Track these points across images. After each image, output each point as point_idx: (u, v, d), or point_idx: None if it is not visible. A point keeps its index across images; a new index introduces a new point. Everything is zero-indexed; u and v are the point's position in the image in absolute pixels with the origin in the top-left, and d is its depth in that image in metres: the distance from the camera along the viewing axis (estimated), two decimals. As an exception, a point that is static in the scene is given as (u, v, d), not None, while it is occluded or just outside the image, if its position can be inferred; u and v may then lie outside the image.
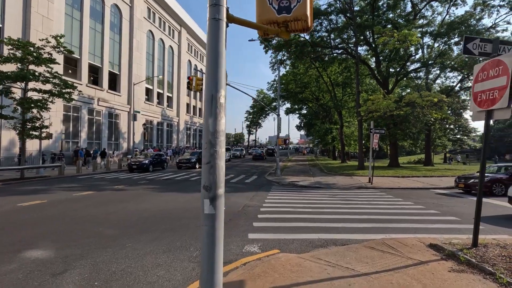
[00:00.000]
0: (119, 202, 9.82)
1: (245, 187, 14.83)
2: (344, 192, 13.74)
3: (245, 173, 22.66)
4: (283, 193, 12.86)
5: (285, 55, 36.42)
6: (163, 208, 8.77)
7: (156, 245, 5.26)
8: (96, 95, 30.73)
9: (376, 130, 16.19)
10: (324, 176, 20.82)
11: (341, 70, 34.30)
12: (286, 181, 17.84)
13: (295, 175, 21.31)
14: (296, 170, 25.17)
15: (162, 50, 44.70)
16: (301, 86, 42.81)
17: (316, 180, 18.12)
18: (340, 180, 18.18)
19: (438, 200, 11.38)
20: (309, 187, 15.62)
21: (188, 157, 25.51)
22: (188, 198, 10.90)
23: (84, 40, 28.84)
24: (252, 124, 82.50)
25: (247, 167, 28.67)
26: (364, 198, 11.74)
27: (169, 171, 23.39)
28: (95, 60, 30.80)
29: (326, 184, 16.64)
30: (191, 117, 55.32)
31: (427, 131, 29.23)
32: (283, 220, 7.46)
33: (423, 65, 25.65)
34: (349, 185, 16.09)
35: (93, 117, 30.62)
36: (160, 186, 14.66)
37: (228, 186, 15.23)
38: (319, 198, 11.61)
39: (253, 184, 16.36)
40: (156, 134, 42.77)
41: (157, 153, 24.76)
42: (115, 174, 21.16)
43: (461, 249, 4.38)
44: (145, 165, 22.32)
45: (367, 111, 21.82)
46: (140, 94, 37.87)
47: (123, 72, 34.98)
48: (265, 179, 19.27)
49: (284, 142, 20.35)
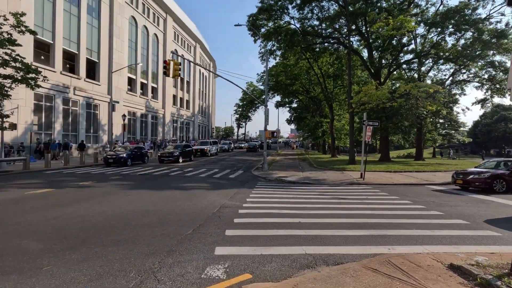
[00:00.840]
0: (73, 203, 8.35)
1: (227, 184, 13.53)
2: (334, 189, 12.62)
3: (231, 168, 21.36)
4: (268, 190, 11.63)
5: (274, 45, 35.08)
6: (122, 211, 7.36)
7: (85, 268, 3.86)
8: (72, 83, 28.62)
9: (370, 122, 15.09)
10: (314, 171, 19.72)
11: (332, 61, 33.14)
12: (273, 176, 16.62)
13: (283, 170, 20.13)
14: (285, 165, 24.02)
15: (146, 38, 42.47)
16: (291, 77, 41.49)
17: (305, 176, 16.98)
18: (330, 176, 17.09)
19: (437, 198, 10.36)
20: (297, 183, 14.44)
21: (171, 150, 23.97)
22: (158, 197, 9.53)
23: (57, 24, 26.61)
24: (241, 117, 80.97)
25: (233, 161, 27.36)
26: (357, 196, 10.62)
27: (149, 166, 21.85)
28: (70, 46, 28.60)
29: (315, 179, 15.51)
30: (178, 109, 53.35)
31: (419, 124, 28.51)
32: (264, 226, 6.20)
33: (417, 56, 24.69)
34: (340, 181, 15.00)
35: (69, 107, 28.55)
36: (133, 182, 13.20)
37: (209, 182, 13.92)
38: (307, 196, 10.42)
39: (237, 180, 15.08)
40: (140, 126, 40.83)
41: (136, 146, 23.13)
42: (89, 168, 19.49)
43: (499, 275, 3.22)
44: (122, 159, 20.71)
45: (359, 103, 20.74)
46: (122, 84, 35.81)
47: (103, 60, 32.82)
48: (251, 174, 18.02)
49: (272, 135, 19.09)
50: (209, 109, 77.02)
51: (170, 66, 13.25)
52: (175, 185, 12.50)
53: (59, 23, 26.79)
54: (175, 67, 13.32)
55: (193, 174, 17.15)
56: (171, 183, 12.97)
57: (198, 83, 64.10)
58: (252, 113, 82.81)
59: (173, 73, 13.33)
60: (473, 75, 29.58)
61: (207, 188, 11.87)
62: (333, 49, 28.78)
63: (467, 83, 31.11)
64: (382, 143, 26.69)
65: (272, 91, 47.40)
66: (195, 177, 15.61)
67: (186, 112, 57.89)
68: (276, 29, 26.78)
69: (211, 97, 79.41)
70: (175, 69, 13.36)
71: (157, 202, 8.62)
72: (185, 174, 16.85)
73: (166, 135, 47.74)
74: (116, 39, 34.55)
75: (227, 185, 13.10)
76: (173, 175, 16.52)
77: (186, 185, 12.52)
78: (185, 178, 15.27)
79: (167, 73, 13.36)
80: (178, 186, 12.20)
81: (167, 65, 13.35)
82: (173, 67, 13.26)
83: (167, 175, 16.44)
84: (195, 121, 62.29)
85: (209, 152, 32.67)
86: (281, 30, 26.62)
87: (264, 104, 19.31)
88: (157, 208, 7.73)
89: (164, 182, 13.29)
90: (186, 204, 8.34)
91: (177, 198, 9.30)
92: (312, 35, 26.67)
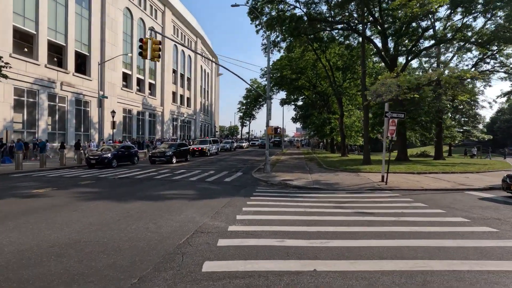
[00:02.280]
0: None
1: (219, 190, 10.99)
2: (354, 197, 9.96)
3: (229, 169, 18.83)
4: (269, 200, 9.05)
5: (278, 37, 32.48)
6: (36, 242, 4.69)
7: None
8: (59, 78, 26.41)
9: (393, 113, 12.37)
10: (324, 173, 17.05)
11: (341, 53, 30.31)
12: (276, 179, 14.03)
13: (288, 171, 17.51)
14: (290, 165, 21.38)
15: (143, 32, 40.14)
16: (297, 71, 38.75)
17: (314, 179, 14.33)
18: (344, 179, 14.40)
19: (497, 212, 7.64)
20: (305, 189, 11.82)
21: (162, 150, 21.52)
22: (114, 213, 6.99)
23: (41, 13, 24.38)
24: (245, 116, 78.41)
25: (234, 161, 24.83)
26: (387, 209, 7.98)
27: (138, 167, 19.46)
28: (57, 37, 26.39)
29: (327, 184, 12.86)
30: (178, 107, 51.05)
31: (440, 119, 25.58)
32: (255, 278, 3.63)
33: (439, 41, 21.75)
34: (358, 186, 12.32)
35: (56, 103, 26.35)
36: (101, 189, 10.73)
37: (197, 188, 11.40)
38: (320, 210, 7.82)
39: (233, 185, 12.53)
40: (136, 124, 38.58)
41: (124, 145, 20.75)
42: (66, 171, 17.15)
43: None
44: (106, 160, 18.33)
45: (376, 94, 17.97)
46: (116, 79, 33.55)
47: (94, 53, 30.59)
48: (251, 177, 15.46)
49: (275, 131, 16.48)
50: (212, 107, 74.67)
51: (147, 46, 10.74)
52: (151, 193, 10.00)
53: (43, 12, 24.55)
54: (154, 46, 10.80)
55: (183, 177, 14.65)
56: (148, 191, 10.47)
57: (200, 80, 61.75)
58: (256, 111, 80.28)
59: (151, 54, 10.81)
60: (500, 65, 26.49)
61: (190, 198, 9.34)
62: (343, 37, 25.96)
63: (492, 74, 28.01)
64: (399, 140, 23.84)
65: (277, 86, 44.73)
66: (183, 182, 13.11)
67: (187, 110, 55.58)
68: (279, 15, 24.12)
69: (214, 95, 77.02)
70: (154, 50, 10.83)
71: (106, 223, 6.09)
72: (172, 178, 14.36)
73: (165, 134, 45.48)
74: (109, 32, 32.30)
75: (218, 192, 10.55)
76: (158, 178, 14.04)
77: (166, 194, 10.00)
78: (170, 183, 12.77)
79: (144, 54, 10.83)
80: (154, 195, 9.68)
81: (144, 44, 10.82)
82: (152, 47, 10.75)
83: (151, 178, 13.96)
84: (197, 120, 59.97)
85: (208, 152, 30.21)
86: (285, 16, 23.95)
87: (267, 96, 16.71)
88: (96, 236, 5.16)
89: (140, 189, 10.79)
90: (146, 226, 5.80)
91: (140, 215, 6.78)
92: (320, 21, 23.93)
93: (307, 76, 39.53)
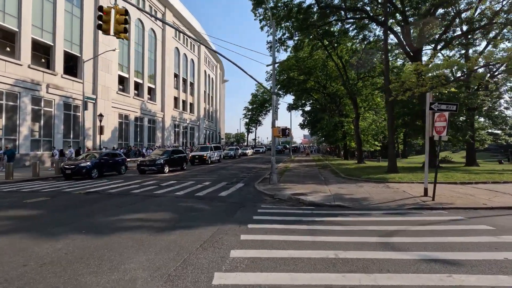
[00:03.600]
0: None
1: (207, 211, 8.00)
2: (398, 221, 6.80)
3: (229, 179, 15.85)
4: (275, 232, 5.98)
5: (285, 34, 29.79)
6: None
7: None
8: (45, 80, 24.12)
9: (442, 104, 9.26)
10: (344, 183, 13.88)
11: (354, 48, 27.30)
12: (285, 193, 10.96)
13: (300, 181, 14.40)
14: (301, 174, 18.26)
15: (141, 33, 38.06)
16: (305, 72, 35.86)
17: (334, 192, 11.19)
18: (372, 192, 11.22)
19: None
20: (325, 208, 8.71)
21: (153, 158, 18.68)
22: (12, 263, 4.07)
23: (24, 9, 22.22)
24: (251, 122, 75.61)
25: (236, 170, 21.84)
26: (470, 248, 4.82)
27: (123, 178, 16.69)
28: (43, 36, 24.19)
29: (352, 199, 9.71)
30: (180, 112, 48.59)
31: (472, 119, 22.16)
32: None
33: (475, 28, 18.52)
34: (395, 203, 9.14)
35: (41, 107, 23.98)
36: (45, 211, 7.86)
37: (179, 208, 8.44)
38: (359, 252, 4.72)
39: (228, 202, 9.52)
40: (133, 131, 36.08)
41: (108, 153, 18.01)
42: (35, 183, 14.43)
43: None
44: (84, 169, 15.59)
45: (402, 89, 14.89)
46: (110, 82, 31.21)
47: (86, 55, 28.33)
48: (254, 189, 12.44)
49: (283, 133, 13.47)
50: (217, 113, 72.20)
51: (110, 17, 7.92)
52: (105, 218, 7.06)
53: (26, 8, 22.39)
54: (118, 18, 8.00)
55: (168, 191, 11.72)
56: (104, 214, 7.54)
57: (204, 85, 59.42)
58: (262, 117, 77.50)
59: (115, 27, 8.01)
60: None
61: (156, 228, 6.34)
62: (358, 28, 22.96)
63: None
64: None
65: (283, 89, 41.93)
66: (164, 198, 10.16)
67: (190, 116, 53.10)
68: (286, 4, 21.40)
69: (219, 101, 74.65)
70: (118, 22, 8.03)
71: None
72: (154, 192, 11.44)
73: (166, 141, 42.90)
74: (103, 31, 30.07)
75: (205, 215, 7.56)
76: (135, 193, 11.14)
77: (126, 219, 7.05)
78: (146, 199, 9.84)
79: (105, 28, 8.01)
80: (107, 222, 6.75)
81: (105, 15, 7.98)
82: (116, 18, 7.95)
83: (126, 193, 11.07)
84: (201, 126, 57.41)
85: (209, 159, 27.32)
86: (292, 4, 21.22)
87: (272, 92, 13.78)
88: None
89: (97, 211, 7.86)
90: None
91: (40, 271, 3.82)
92: (332, 9, 21.07)
93: (316, 76, 36.59)
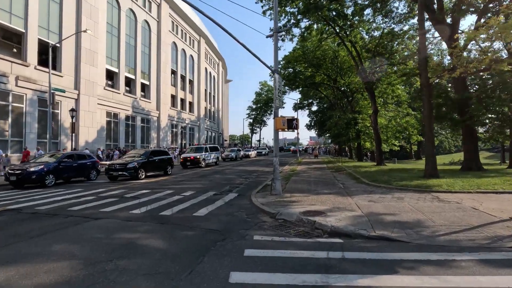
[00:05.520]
0: None
1: (157, 251, 4.41)
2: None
3: (220, 187, 12.29)
4: None
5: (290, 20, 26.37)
6: None
7: None
8: (14, 71, 20.99)
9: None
10: (373, 193, 10.13)
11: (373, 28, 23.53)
12: (292, 210, 7.30)
13: (312, 191, 10.69)
14: (311, 180, 14.53)
15: (134, 25, 34.90)
16: (313, 64, 32.22)
17: (367, 209, 7.43)
18: (424, 209, 7.44)
19: None
20: (361, 244, 4.96)
21: (124, 161, 15.09)
22: None
23: (-14, -13, 19.16)
24: (255, 122, 72.02)
25: (233, 174, 18.24)
26: None
27: (86, 185, 13.26)
28: (12, 21, 21.09)
29: (401, 224, 5.95)
30: (178, 112, 45.30)
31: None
32: None
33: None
34: (477, 231, 5.38)
35: (8, 103, 20.82)
36: None
37: (114, 244, 4.79)
38: None
39: (203, 229, 5.89)
40: (124, 131, 32.81)
41: (71, 154, 14.55)
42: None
43: None
44: (34, 175, 12.20)
45: (448, 67, 11.12)
46: (96, 76, 28.00)
47: (67, 45, 25.21)
48: (249, 203, 8.85)
49: (288, 124, 9.81)
50: (219, 113, 68.84)
51: None
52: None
53: (-11, -14, 19.35)
54: None
55: (123, 207, 8.20)
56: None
57: (205, 83, 56.13)
58: (267, 117, 73.86)
59: None
60: None
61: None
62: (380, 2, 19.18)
63: None
64: (467, 141, 16.63)
65: (289, 86, 38.31)
66: (107, 221, 6.60)
67: (190, 116, 49.79)
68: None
69: (222, 100, 71.29)
70: None
71: None
72: (103, 209, 7.92)
73: (162, 142, 39.58)
74: (87, 20, 26.97)
75: (142, 266, 3.95)
76: (73, 211, 7.64)
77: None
78: (80, 224, 6.31)
79: None
80: None
81: None
82: None
83: (60, 212, 7.56)
84: (201, 127, 54.04)
85: (203, 162, 23.75)
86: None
87: (273, 69, 10.17)
88: None
89: None
90: None
91: None
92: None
93: (326, 69, 32.89)
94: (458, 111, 16.93)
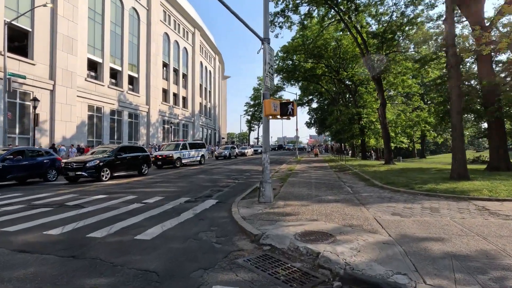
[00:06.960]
0: None
1: None
2: None
3: (198, 191, 9.84)
4: None
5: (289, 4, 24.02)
6: None
7: None
8: (-25, 57, 18.47)
9: None
10: (392, 200, 7.68)
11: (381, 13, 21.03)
12: (284, 231, 4.79)
13: (313, 198, 8.22)
14: (312, 182, 12.04)
15: (121, 12, 32.33)
16: (314, 54, 29.67)
17: (394, 229, 4.94)
18: (480, 229, 4.95)
19: None
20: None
21: (83, 158, 12.54)
22: None
23: None
24: (253, 119, 69.52)
25: (221, 175, 15.74)
26: None
27: (37, 188, 10.80)
28: (-28, -1, 18.54)
29: (458, 258, 3.43)
30: (170, 107, 42.77)
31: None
32: None
33: None
34: None
35: (-33, 93, 18.31)
36: None
37: None
38: None
39: (134, 269, 3.38)
40: (108, 126, 30.28)
41: (20, 150, 12.02)
42: None
43: None
44: (-36, 177, 9.66)
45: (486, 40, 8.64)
46: (75, 66, 25.44)
47: (40, 30, 22.68)
48: (227, 216, 6.37)
49: (281, 110, 7.33)
50: (216, 110, 66.23)
51: None
52: None
53: None
54: None
55: (37, 225, 5.73)
56: None
57: (199, 77, 53.52)
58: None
59: None
60: None
61: None
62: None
63: None
64: (495, 136, 14.16)
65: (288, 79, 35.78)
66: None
67: (183, 112, 47.26)
68: None
69: (219, 96, 68.68)
70: None
71: None
72: (3, 228, 5.43)
73: (152, 139, 37.08)
74: (64, 3, 24.41)
75: None
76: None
77: None
78: None
79: None
80: None
81: None
82: None
83: None
84: (196, 123, 51.50)
85: (179, 161, 20.71)
86: None
87: (262, 37, 7.68)
88: None
89: None
90: None
91: None
92: None
93: (328, 58, 30.31)
94: (483, 101, 14.44)
